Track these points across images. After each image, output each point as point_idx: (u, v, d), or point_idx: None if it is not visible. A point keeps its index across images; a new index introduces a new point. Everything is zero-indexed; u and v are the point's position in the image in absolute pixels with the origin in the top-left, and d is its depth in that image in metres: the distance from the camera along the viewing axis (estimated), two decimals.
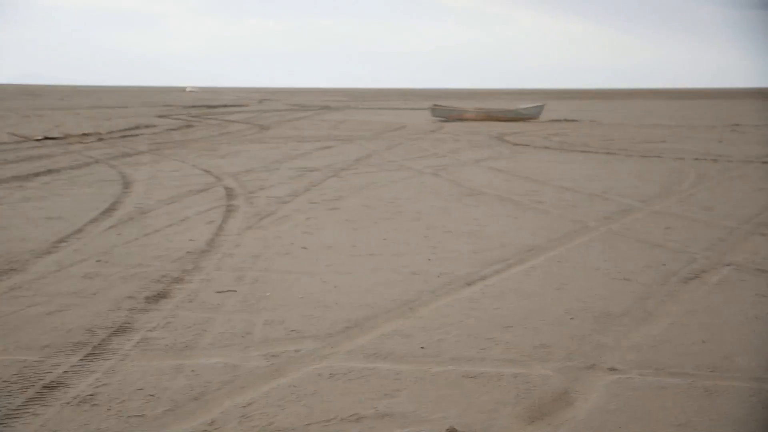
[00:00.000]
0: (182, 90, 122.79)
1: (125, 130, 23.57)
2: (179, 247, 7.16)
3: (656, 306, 5.44)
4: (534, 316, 5.19)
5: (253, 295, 5.61)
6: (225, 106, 48.38)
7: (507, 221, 8.70)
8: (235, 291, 5.70)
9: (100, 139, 19.65)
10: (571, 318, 5.16)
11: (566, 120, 32.20)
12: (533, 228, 8.28)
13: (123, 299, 5.45)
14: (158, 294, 5.58)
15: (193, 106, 46.14)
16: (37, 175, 12.27)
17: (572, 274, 6.34)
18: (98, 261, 6.56)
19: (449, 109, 33.37)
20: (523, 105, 35.41)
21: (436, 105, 34.36)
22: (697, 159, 15.42)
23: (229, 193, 10.54)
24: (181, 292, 5.65)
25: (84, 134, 20.97)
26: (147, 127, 25.53)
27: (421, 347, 4.57)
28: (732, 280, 6.14)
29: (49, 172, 12.66)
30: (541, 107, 32.50)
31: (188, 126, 26.50)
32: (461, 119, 32.00)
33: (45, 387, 3.90)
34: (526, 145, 19.01)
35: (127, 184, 11.28)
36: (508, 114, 32.16)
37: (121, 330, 4.80)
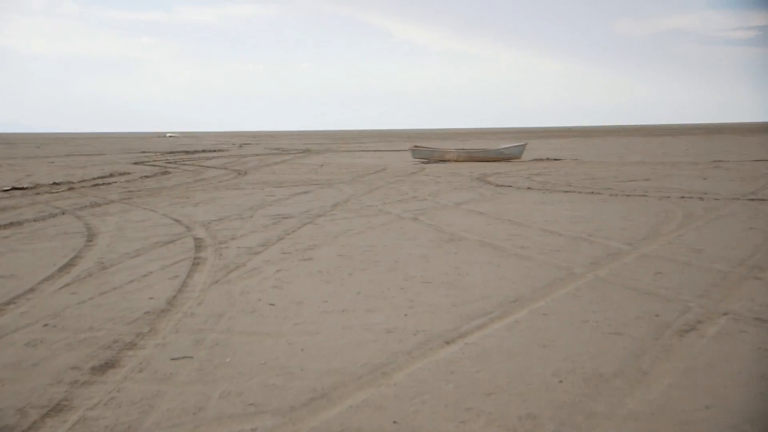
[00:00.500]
0: (162, 136, 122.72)
1: (98, 178, 23.07)
2: (137, 306, 6.64)
3: (652, 364, 4.99)
4: (519, 380, 4.71)
5: (211, 362, 5.10)
6: (204, 151, 48.02)
7: (489, 269, 8.25)
8: (191, 357, 5.19)
9: (71, 189, 19.12)
10: (560, 381, 4.69)
11: (548, 159, 32.03)
12: (516, 276, 7.84)
13: (66, 371, 4.92)
14: (106, 363, 5.06)
15: (171, 152, 45.72)
16: None
17: (559, 328, 5.88)
18: (45, 325, 6.03)
19: (430, 150, 33.13)
20: (504, 145, 35.24)
21: (416, 146, 34.13)
22: (683, 197, 15.10)
23: (198, 244, 10.04)
24: (131, 360, 5.13)
25: (54, 183, 20.45)
26: (121, 174, 25.04)
27: (394, 422, 4.08)
28: (731, 331, 5.70)
29: (11, 225, 12.10)
30: (523, 146, 32.32)
31: (164, 173, 26.02)
32: (443, 160, 31.74)
33: None
34: (509, 186, 18.67)
35: (91, 237, 10.75)
36: (490, 154, 31.94)
37: (58, 409, 4.28)
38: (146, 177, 23.78)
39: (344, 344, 5.50)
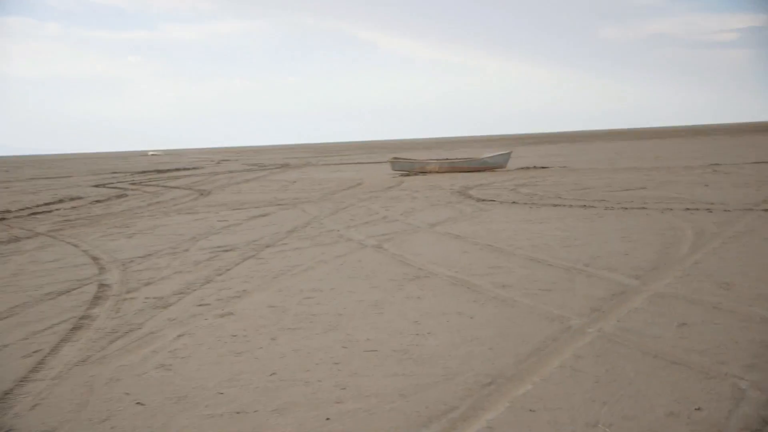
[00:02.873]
0: (144, 154, 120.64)
1: (42, 205, 20.98)
2: None
3: None
4: None
5: None
6: (177, 169, 45.97)
7: (458, 324, 6.24)
8: None
9: (2, 219, 17.01)
10: None
11: (535, 167, 30.13)
12: (494, 335, 5.84)
13: None
14: None
15: (143, 172, 43.67)
16: None
17: None
18: None
19: (410, 162, 31.14)
20: (488, 154, 33.31)
21: (396, 158, 32.14)
22: (688, 209, 13.15)
23: (99, 295, 8.00)
24: None
25: None
26: (72, 199, 22.97)
27: None
28: None
29: None
30: (508, 155, 30.42)
31: (120, 196, 23.95)
32: (423, 172, 29.78)
33: None
34: (492, 201, 16.69)
35: None
36: (473, 164, 30.01)
37: None
38: (97, 202, 21.71)
39: None
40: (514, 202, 16.12)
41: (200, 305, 7.36)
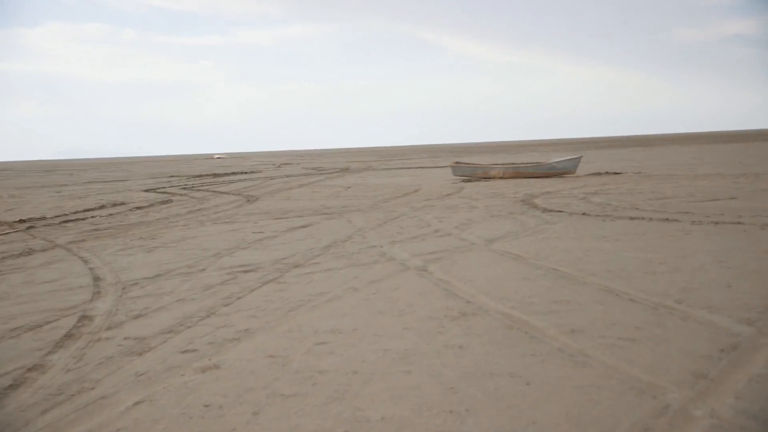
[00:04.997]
0: (210, 157, 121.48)
1: (81, 211, 19.95)
2: None
3: None
4: None
5: None
6: (234, 173, 45.08)
7: (509, 395, 4.54)
8: None
9: (31, 227, 15.93)
10: None
11: (607, 173, 27.98)
12: (559, 417, 4.14)
13: None
14: None
15: (200, 176, 42.88)
16: None
17: None
18: None
19: (472, 167, 29.35)
20: (556, 158, 31.22)
21: (457, 162, 30.36)
22: None
23: (72, 333, 6.57)
24: None
25: (20, 221, 17.32)
26: (114, 205, 21.95)
27: None
28: None
29: None
30: (578, 159, 28.27)
31: (165, 201, 22.83)
32: (486, 178, 27.93)
33: None
34: (559, 212, 14.84)
35: None
36: (540, 169, 28.02)
37: None
38: (137, 208, 20.57)
39: None
40: (584, 214, 14.26)
41: (185, 351, 5.83)
